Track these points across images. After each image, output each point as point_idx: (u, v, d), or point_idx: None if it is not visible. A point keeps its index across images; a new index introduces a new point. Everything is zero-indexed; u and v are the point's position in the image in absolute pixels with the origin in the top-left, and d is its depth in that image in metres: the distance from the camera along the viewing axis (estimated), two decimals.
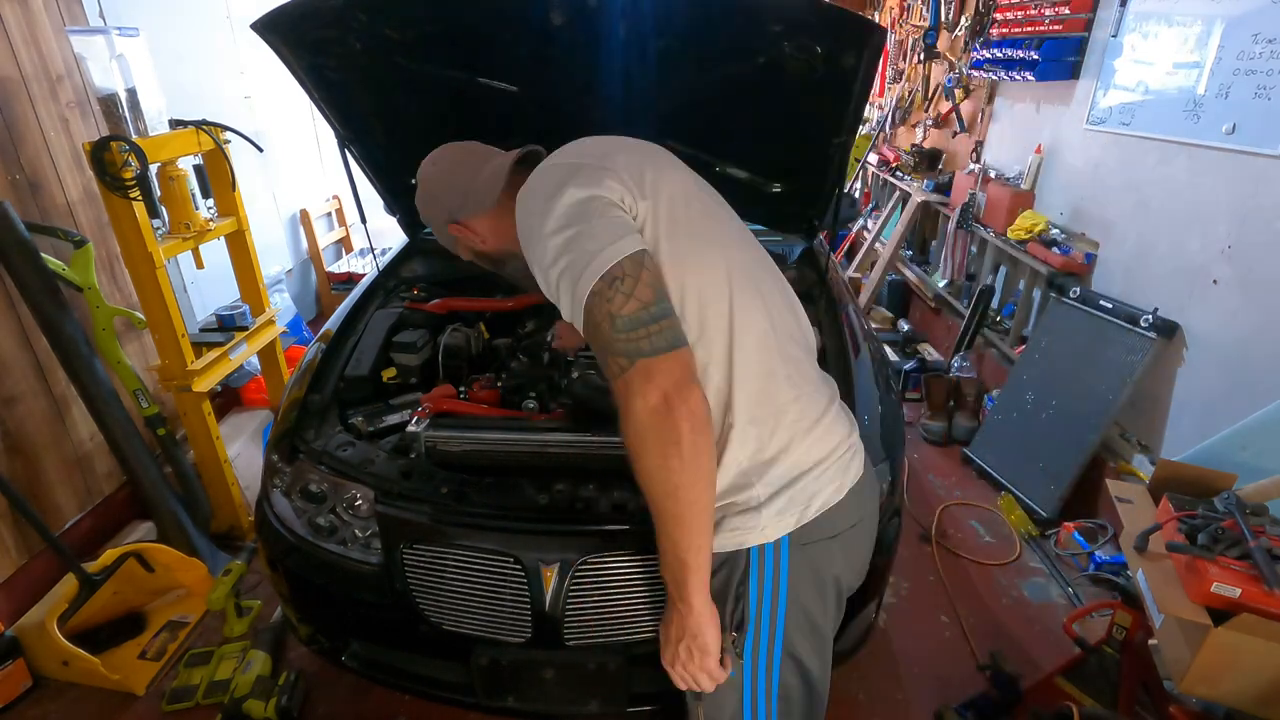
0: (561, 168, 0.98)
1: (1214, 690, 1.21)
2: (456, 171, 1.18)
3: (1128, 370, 2.41)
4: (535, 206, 0.96)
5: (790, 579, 1.00)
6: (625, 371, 0.87)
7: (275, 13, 1.57)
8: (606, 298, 0.87)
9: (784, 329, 1.04)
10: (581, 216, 0.92)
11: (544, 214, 0.93)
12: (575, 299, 0.89)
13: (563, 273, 0.90)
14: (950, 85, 3.94)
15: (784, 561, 0.99)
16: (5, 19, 2.03)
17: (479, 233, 1.17)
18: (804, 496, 0.98)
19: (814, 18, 1.51)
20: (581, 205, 0.92)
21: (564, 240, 0.91)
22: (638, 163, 1.00)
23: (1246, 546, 1.19)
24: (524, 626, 1.37)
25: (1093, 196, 2.76)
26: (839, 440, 1.04)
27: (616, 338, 0.87)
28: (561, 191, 0.93)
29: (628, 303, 0.87)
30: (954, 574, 2.35)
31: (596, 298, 0.87)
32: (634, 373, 0.86)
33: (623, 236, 0.90)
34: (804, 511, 0.98)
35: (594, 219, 0.91)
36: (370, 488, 1.43)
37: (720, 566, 1.01)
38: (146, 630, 2.05)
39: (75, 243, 2.03)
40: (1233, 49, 2.08)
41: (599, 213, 0.92)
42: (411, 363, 1.85)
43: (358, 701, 1.85)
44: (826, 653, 1.10)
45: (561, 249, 0.90)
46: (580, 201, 0.92)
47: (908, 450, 3.03)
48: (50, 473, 2.18)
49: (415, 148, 2.12)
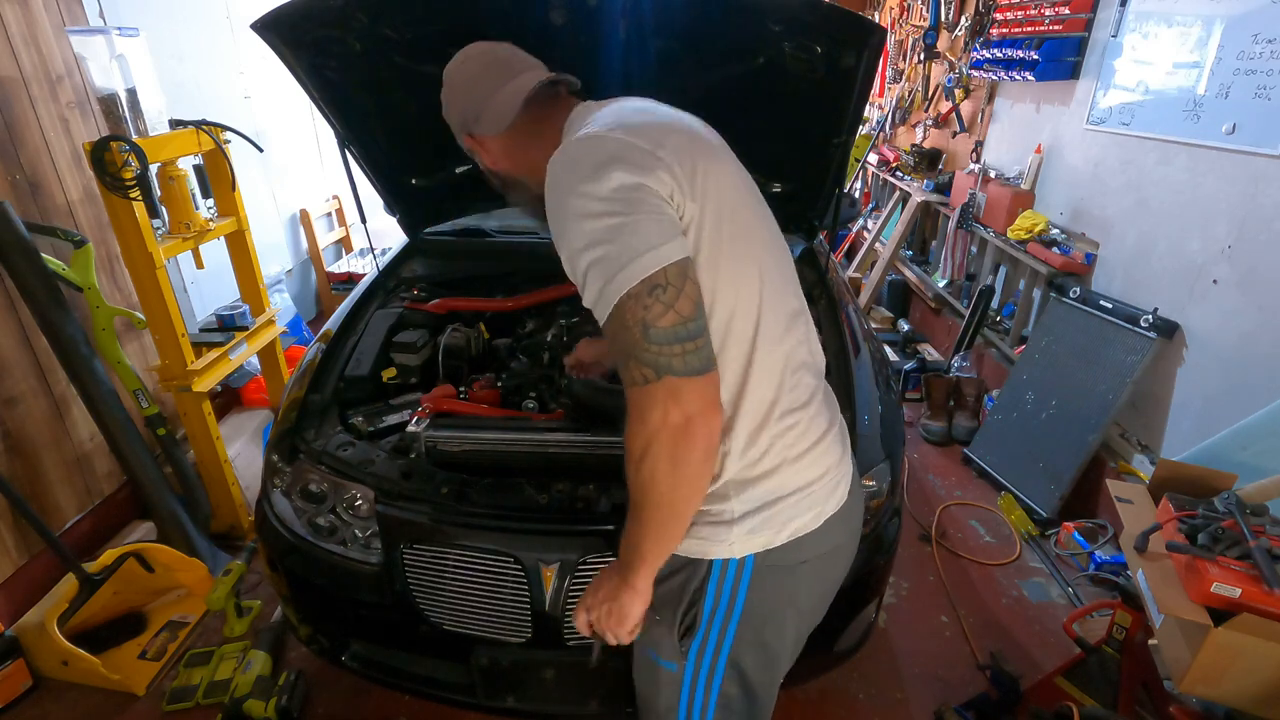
0: (609, 141, 0.88)
1: (1214, 690, 1.21)
2: (477, 84, 1.07)
3: (1128, 370, 2.41)
4: (573, 180, 0.86)
5: (749, 597, 0.98)
6: (650, 383, 0.82)
7: (275, 13, 1.57)
8: (644, 304, 0.81)
9: (800, 354, 0.99)
10: (629, 206, 0.83)
11: (584, 193, 0.84)
12: (605, 295, 0.83)
13: (596, 262, 0.83)
14: (950, 85, 3.94)
15: (745, 580, 0.97)
16: (5, 19, 2.03)
17: (490, 151, 1.09)
18: (779, 521, 0.96)
19: (814, 18, 1.51)
20: (629, 193, 0.83)
21: (605, 228, 0.83)
22: (690, 153, 0.90)
23: (1246, 546, 1.19)
24: (524, 626, 1.37)
25: (1093, 196, 2.76)
26: (828, 467, 1.00)
27: (648, 347, 0.81)
28: (608, 171, 0.84)
29: (666, 314, 0.81)
30: (954, 574, 2.35)
31: (633, 300, 0.81)
32: (660, 387, 0.82)
33: (670, 239, 0.83)
34: (775, 535, 0.96)
35: (641, 212, 0.83)
36: (370, 488, 1.43)
37: (680, 569, 1.00)
38: (146, 630, 2.05)
39: (75, 243, 2.03)
40: (1233, 49, 2.08)
41: (648, 207, 0.84)
42: (411, 363, 1.85)
43: (358, 701, 1.85)
44: (776, 669, 1.08)
45: (599, 237, 0.83)
46: (629, 188, 0.83)
47: (908, 450, 3.03)
48: (50, 473, 2.18)
49: (415, 148, 2.16)
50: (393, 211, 2.35)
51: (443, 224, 2.46)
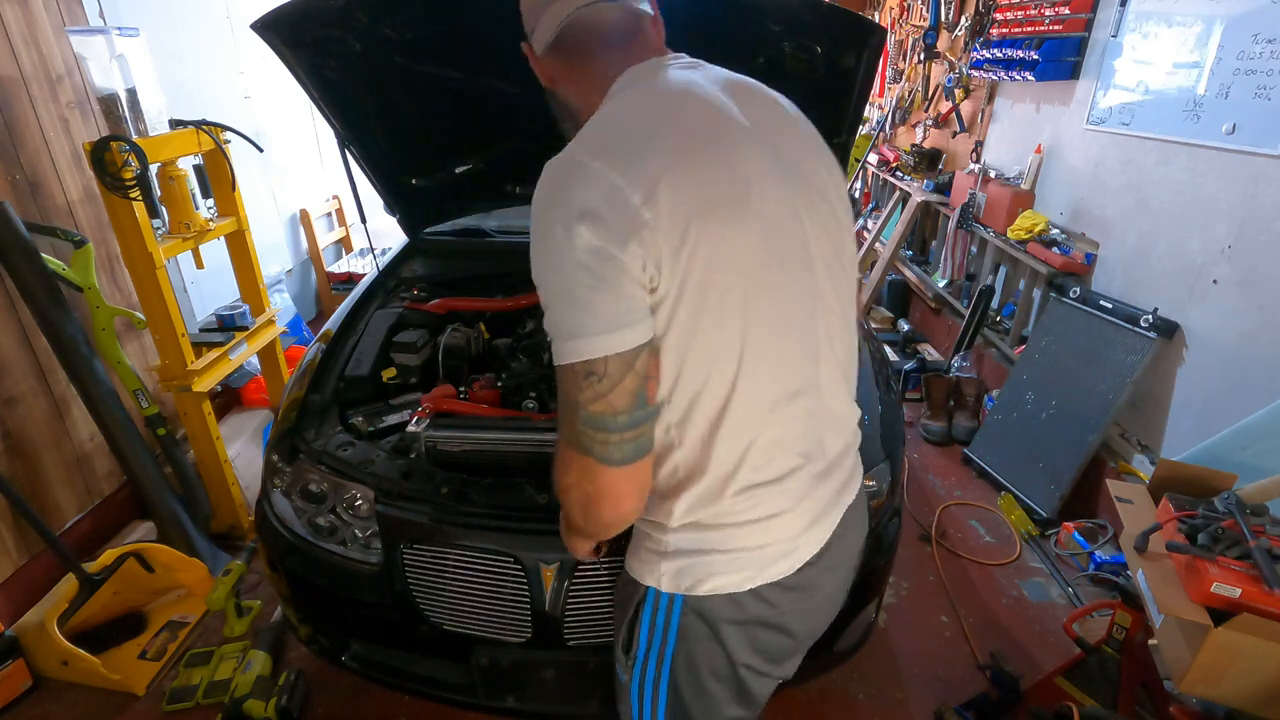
0: (591, 181, 0.76)
1: (1214, 690, 1.21)
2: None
3: (1128, 370, 2.41)
4: (552, 213, 0.77)
5: (679, 638, 0.93)
6: (569, 449, 0.80)
7: (275, 13, 1.57)
8: (579, 385, 0.77)
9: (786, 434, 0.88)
10: (591, 276, 0.74)
11: (555, 237, 0.76)
12: (554, 349, 0.79)
13: (549, 315, 0.78)
14: (950, 85, 3.94)
15: (675, 618, 0.93)
16: (5, 19, 2.03)
17: (539, 67, 0.98)
18: (701, 572, 0.89)
19: (814, 18, 1.51)
20: (595, 260, 0.74)
21: (562, 290, 0.76)
22: (690, 207, 0.76)
23: (1246, 546, 1.19)
24: (524, 626, 1.37)
25: (1093, 196, 2.76)
26: (779, 539, 0.90)
27: (575, 424, 0.78)
28: (579, 225, 0.74)
29: (596, 402, 0.77)
30: (954, 574, 2.35)
31: (570, 374, 0.77)
32: (577, 460, 0.80)
33: (623, 326, 0.75)
34: (696, 584, 0.89)
35: (601, 290, 0.74)
36: (370, 488, 1.43)
37: (628, 583, 0.97)
38: (146, 630, 2.05)
39: (75, 243, 2.03)
40: (1233, 49, 2.08)
41: (609, 284, 0.74)
42: (411, 363, 1.85)
43: (358, 701, 1.85)
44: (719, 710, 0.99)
45: (557, 293, 0.77)
46: (596, 253, 0.74)
47: (908, 450, 3.03)
48: (50, 473, 2.18)
49: (415, 148, 2.16)
50: (393, 211, 2.35)
51: (443, 224, 2.47)
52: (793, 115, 0.95)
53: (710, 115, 0.84)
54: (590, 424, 0.78)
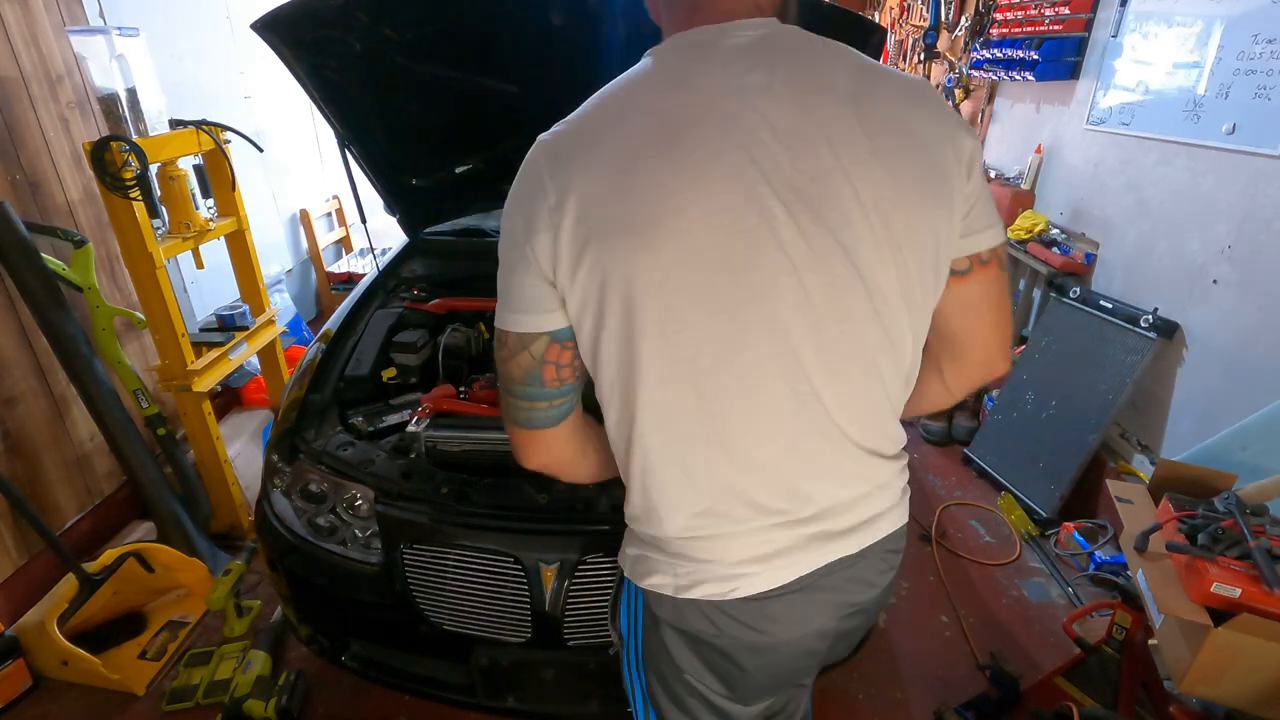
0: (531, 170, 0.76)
1: (1214, 690, 1.21)
2: None
3: (1128, 370, 2.41)
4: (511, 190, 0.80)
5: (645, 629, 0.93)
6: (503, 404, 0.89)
7: (275, 13, 1.57)
8: (497, 343, 0.84)
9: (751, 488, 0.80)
10: (511, 253, 0.79)
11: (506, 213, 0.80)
12: None
13: None
14: (950, 85, 3.94)
15: (637, 607, 0.94)
16: (5, 19, 2.03)
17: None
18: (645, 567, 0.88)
19: (814, 18, 1.51)
20: (517, 245, 0.77)
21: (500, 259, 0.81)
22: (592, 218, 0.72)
23: (1246, 546, 1.19)
24: (524, 626, 1.37)
25: (1093, 196, 2.76)
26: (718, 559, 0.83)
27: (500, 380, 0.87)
28: (514, 209, 0.78)
29: (502, 365, 0.84)
30: (954, 574, 2.35)
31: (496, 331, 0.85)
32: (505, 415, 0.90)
33: (521, 312, 0.79)
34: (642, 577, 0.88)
35: (512, 273, 0.79)
36: (370, 488, 1.43)
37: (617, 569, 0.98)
38: (146, 630, 2.05)
39: (75, 243, 2.03)
40: (1233, 49, 2.08)
41: (522, 269, 0.77)
42: (411, 363, 1.85)
43: (358, 701, 1.85)
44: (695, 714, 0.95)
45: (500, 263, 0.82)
46: (519, 240, 0.77)
47: (908, 450, 3.03)
48: (50, 473, 2.18)
49: (415, 148, 2.16)
50: (393, 211, 2.35)
51: (443, 224, 2.46)
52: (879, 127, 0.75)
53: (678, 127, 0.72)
54: (502, 380, 0.86)
